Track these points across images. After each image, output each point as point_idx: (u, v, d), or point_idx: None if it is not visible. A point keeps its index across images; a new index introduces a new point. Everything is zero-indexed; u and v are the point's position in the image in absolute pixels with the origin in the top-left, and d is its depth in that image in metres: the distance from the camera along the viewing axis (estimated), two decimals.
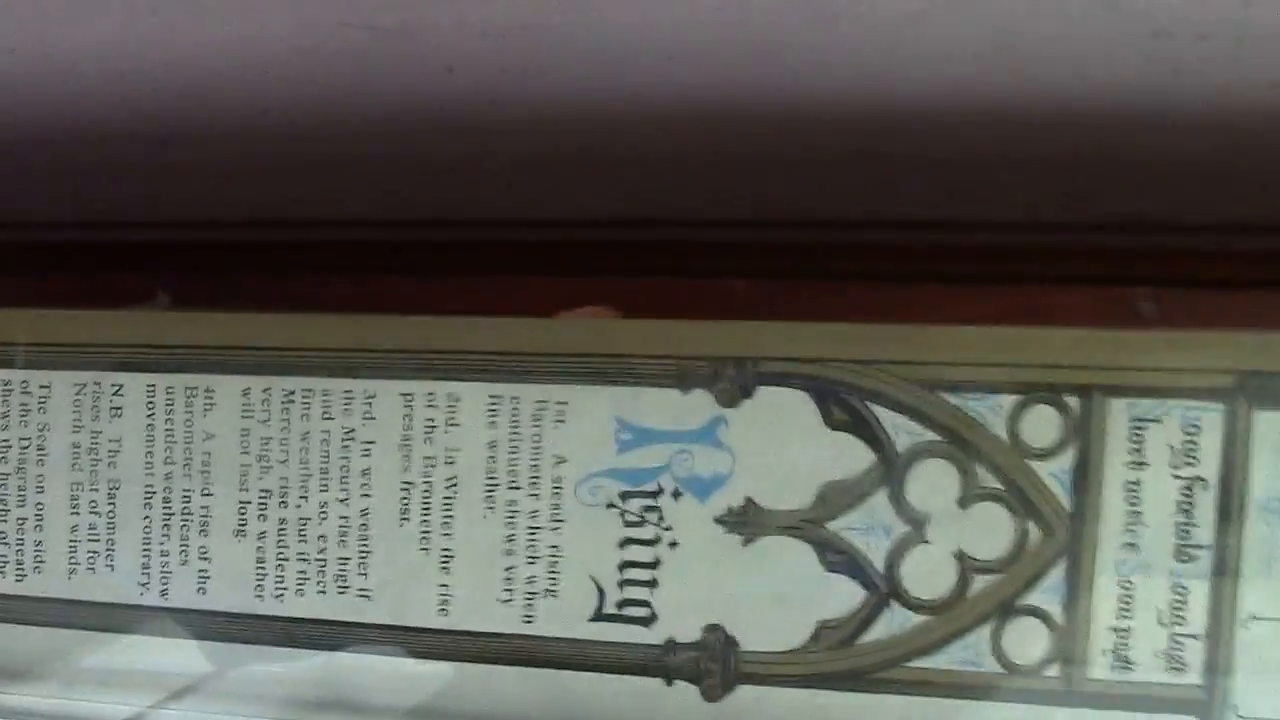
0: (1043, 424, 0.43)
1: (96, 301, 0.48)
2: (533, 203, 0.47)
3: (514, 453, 0.46)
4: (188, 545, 0.49)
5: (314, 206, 0.48)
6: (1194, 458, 0.42)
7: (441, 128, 0.49)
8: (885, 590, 0.44)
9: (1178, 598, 0.42)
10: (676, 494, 0.45)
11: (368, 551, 0.47)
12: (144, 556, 0.49)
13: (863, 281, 0.42)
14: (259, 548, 0.48)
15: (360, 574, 0.47)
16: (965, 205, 0.44)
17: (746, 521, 0.45)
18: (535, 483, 0.46)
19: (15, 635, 0.50)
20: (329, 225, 0.47)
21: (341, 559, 0.47)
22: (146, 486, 0.49)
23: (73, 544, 0.50)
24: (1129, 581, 0.43)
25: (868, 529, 0.44)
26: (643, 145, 0.47)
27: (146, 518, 0.49)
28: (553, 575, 0.46)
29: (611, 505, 0.45)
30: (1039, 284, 0.41)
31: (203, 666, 0.49)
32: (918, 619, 0.44)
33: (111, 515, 0.49)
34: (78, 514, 0.49)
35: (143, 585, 0.49)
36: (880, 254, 0.42)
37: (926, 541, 0.44)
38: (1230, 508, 0.42)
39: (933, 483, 0.44)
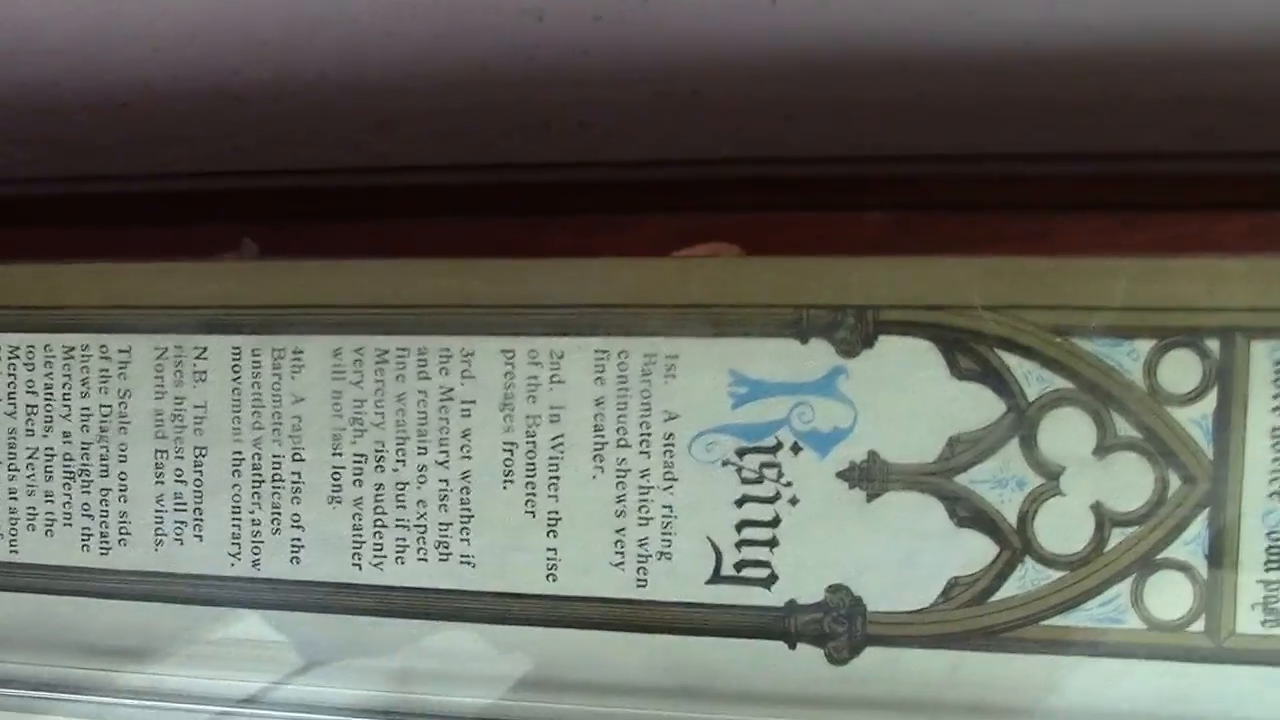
0: (1182, 369, 0.41)
1: (180, 252, 0.46)
2: (645, 146, 0.44)
3: (622, 409, 0.44)
4: (279, 513, 0.47)
5: (406, 157, 0.46)
6: None
7: (532, 79, 0.46)
8: (1019, 545, 0.42)
9: None
10: (796, 449, 0.43)
11: (469, 516, 0.45)
12: (234, 526, 0.47)
13: (1003, 211, 0.40)
14: (355, 514, 0.46)
15: (462, 540, 0.45)
16: (1104, 140, 0.42)
17: (870, 476, 0.43)
18: (646, 440, 0.44)
19: (101, 610, 0.48)
20: (426, 170, 0.45)
21: (442, 524, 0.45)
22: (234, 453, 0.47)
23: (159, 514, 0.48)
24: (1276, 531, 0.40)
25: (999, 482, 0.42)
26: (750, 90, 0.44)
27: (235, 485, 0.47)
28: (666, 537, 0.44)
29: (727, 462, 0.43)
30: (1189, 212, 0.39)
31: (298, 639, 0.47)
32: (1054, 575, 0.42)
33: (199, 483, 0.47)
34: (163, 483, 0.48)
35: (233, 556, 0.47)
36: (1022, 185, 0.40)
37: (1061, 494, 0.42)
38: None
39: (1067, 432, 0.42)
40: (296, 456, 0.46)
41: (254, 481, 0.47)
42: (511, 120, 0.47)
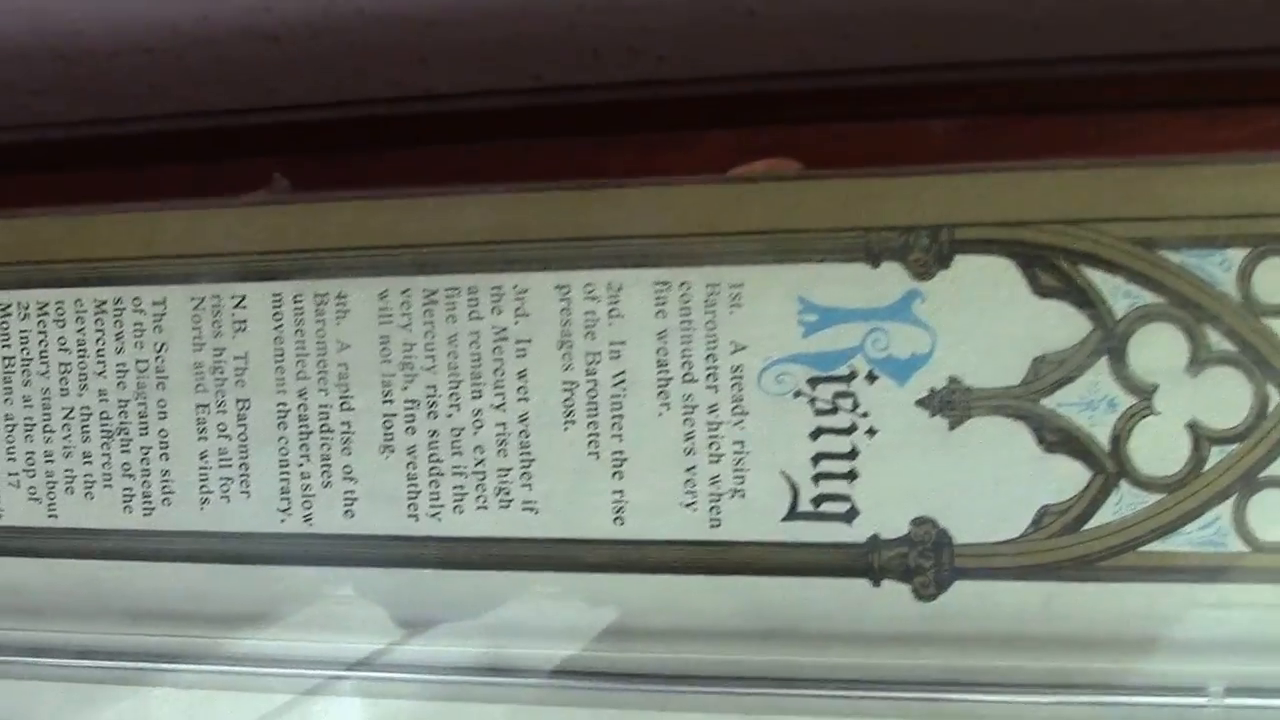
0: (1278, 277, 0.39)
1: (208, 191, 0.44)
2: (700, 72, 0.42)
3: (687, 342, 0.42)
4: (329, 465, 0.45)
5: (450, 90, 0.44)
6: None
7: (579, 4, 0.44)
8: (1112, 469, 0.40)
9: None
10: (871, 377, 0.41)
11: (530, 460, 0.43)
12: (282, 480, 0.45)
13: (1078, 113, 0.38)
14: (409, 463, 0.44)
15: (524, 485, 0.43)
16: (1188, 41, 0.39)
17: (952, 402, 0.41)
18: (713, 374, 0.42)
19: (146, 573, 0.47)
20: (474, 96, 0.43)
21: (502, 470, 0.43)
22: (279, 404, 0.45)
23: (203, 471, 0.46)
24: None
25: (1088, 403, 0.40)
26: (810, 5, 0.42)
27: (282, 438, 0.45)
28: (739, 473, 0.42)
29: (799, 393, 0.41)
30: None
31: (355, 596, 0.45)
32: (1150, 498, 0.40)
33: (243, 438, 0.45)
34: (206, 439, 0.46)
35: (283, 511, 0.45)
36: (1098, 85, 0.38)
37: (1155, 413, 0.40)
38: None
39: (1158, 348, 0.40)
40: (345, 405, 0.44)
41: (301, 433, 0.45)
42: (558, 49, 0.45)
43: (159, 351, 0.46)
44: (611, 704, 0.43)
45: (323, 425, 0.45)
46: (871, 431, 0.41)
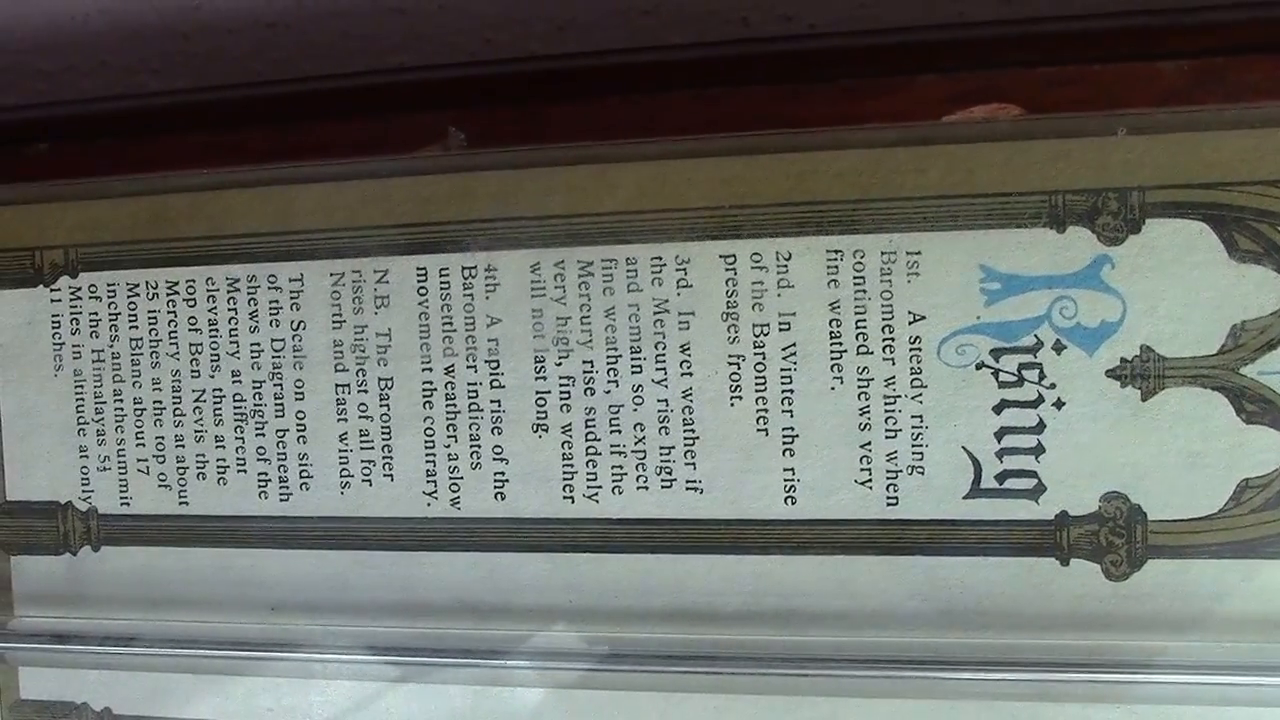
0: None
1: (377, 148, 0.42)
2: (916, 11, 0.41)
3: (861, 313, 0.41)
4: (479, 445, 0.43)
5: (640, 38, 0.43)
6: None
7: None
8: None
9: None
10: (1059, 347, 0.40)
11: (694, 437, 0.42)
12: (428, 462, 0.44)
13: None
14: (564, 442, 0.43)
15: (687, 464, 0.42)
16: None
17: (1145, 373, 0.39)
18: (889, 346, 0.41)
19: (284, 561, 0.45)
20: (656, 49, 0.41)
21: (664, 448, 0.42)
22: (425, 383, 0.44)
23: (343, 454, 0.44)
24: None
25: None
26: None
27: (428, 418, 0.44)
28: (918, 449, 0.41)
29: (982, 365, 0.40)
30: None
31: (507, 582, 0.43)
32: None
33: (386, 418, 0.44)
34: (345, 420, 0.44)
35: (429, 495, 0.44)
36: None
37: None
38: None
39: None
40: (495, 383, 0.43)
41: (448, 412, 0.44)
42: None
43: (296, 330, 0.45)
44: (782, 690, 0.42)
45: (471, 404, 0.44)
46: (1059, 404, 0.40)
